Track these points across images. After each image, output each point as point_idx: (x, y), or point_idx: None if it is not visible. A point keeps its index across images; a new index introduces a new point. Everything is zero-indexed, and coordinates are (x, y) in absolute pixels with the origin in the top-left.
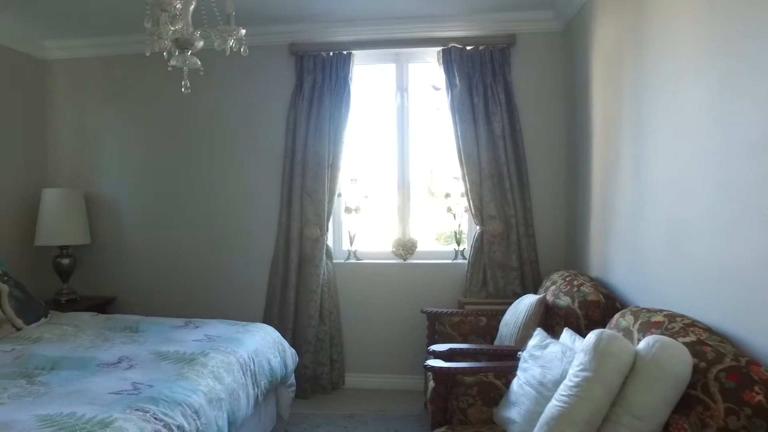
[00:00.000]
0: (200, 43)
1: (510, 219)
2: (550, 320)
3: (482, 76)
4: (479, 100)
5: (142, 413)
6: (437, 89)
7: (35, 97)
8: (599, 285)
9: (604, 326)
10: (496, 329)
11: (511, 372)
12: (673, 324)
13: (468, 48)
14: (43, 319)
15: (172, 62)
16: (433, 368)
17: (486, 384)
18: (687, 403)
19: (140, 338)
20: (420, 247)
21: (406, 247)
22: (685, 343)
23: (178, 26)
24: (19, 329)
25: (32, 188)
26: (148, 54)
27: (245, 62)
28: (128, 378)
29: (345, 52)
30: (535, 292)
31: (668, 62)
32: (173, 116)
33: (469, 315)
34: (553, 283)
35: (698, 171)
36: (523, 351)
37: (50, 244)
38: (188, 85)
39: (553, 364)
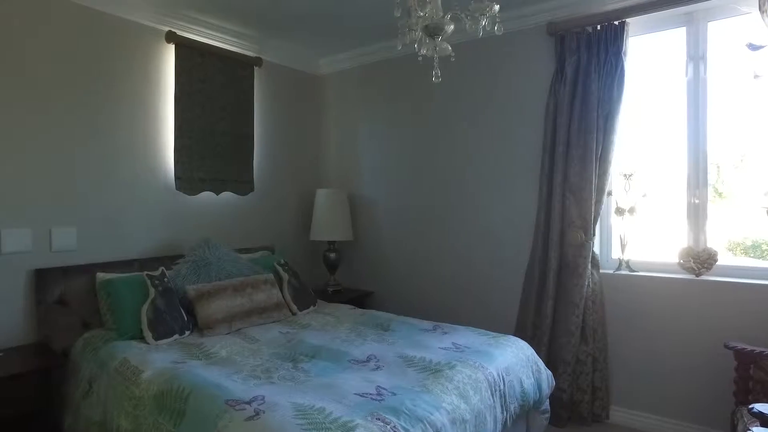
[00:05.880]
0: (450, 27)
1: None
2: None
3: None
4: None
5: (383, 424)
6: (756, 48)
7: (313, 108)
8: None
9: None
10: None
11: None
12: None
13: None
14: (312, 307)
15: (422, 51)
16: None
17: None
18: None
19: (389, 338)
20: (721, 260)
21: (701, 259)
22: None
23: (426, 11)
24: (294, 314)
25: (309, 188)
26: (399, 47)
27: (498, 51)
28: (374, 380)
29: (616, 23)
30: None
31: None
32: (425, 115)
33: None
34: None
35: None
36: None
37: (321, 239)
38: (439, 74)
39: None
